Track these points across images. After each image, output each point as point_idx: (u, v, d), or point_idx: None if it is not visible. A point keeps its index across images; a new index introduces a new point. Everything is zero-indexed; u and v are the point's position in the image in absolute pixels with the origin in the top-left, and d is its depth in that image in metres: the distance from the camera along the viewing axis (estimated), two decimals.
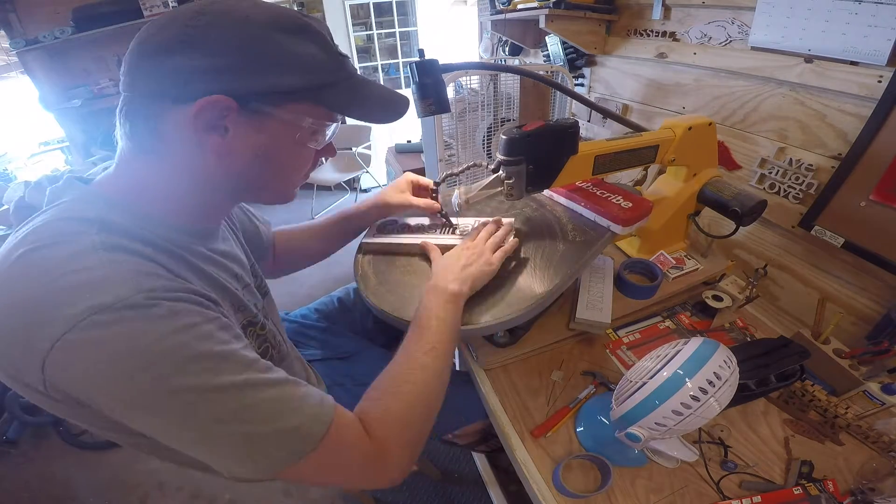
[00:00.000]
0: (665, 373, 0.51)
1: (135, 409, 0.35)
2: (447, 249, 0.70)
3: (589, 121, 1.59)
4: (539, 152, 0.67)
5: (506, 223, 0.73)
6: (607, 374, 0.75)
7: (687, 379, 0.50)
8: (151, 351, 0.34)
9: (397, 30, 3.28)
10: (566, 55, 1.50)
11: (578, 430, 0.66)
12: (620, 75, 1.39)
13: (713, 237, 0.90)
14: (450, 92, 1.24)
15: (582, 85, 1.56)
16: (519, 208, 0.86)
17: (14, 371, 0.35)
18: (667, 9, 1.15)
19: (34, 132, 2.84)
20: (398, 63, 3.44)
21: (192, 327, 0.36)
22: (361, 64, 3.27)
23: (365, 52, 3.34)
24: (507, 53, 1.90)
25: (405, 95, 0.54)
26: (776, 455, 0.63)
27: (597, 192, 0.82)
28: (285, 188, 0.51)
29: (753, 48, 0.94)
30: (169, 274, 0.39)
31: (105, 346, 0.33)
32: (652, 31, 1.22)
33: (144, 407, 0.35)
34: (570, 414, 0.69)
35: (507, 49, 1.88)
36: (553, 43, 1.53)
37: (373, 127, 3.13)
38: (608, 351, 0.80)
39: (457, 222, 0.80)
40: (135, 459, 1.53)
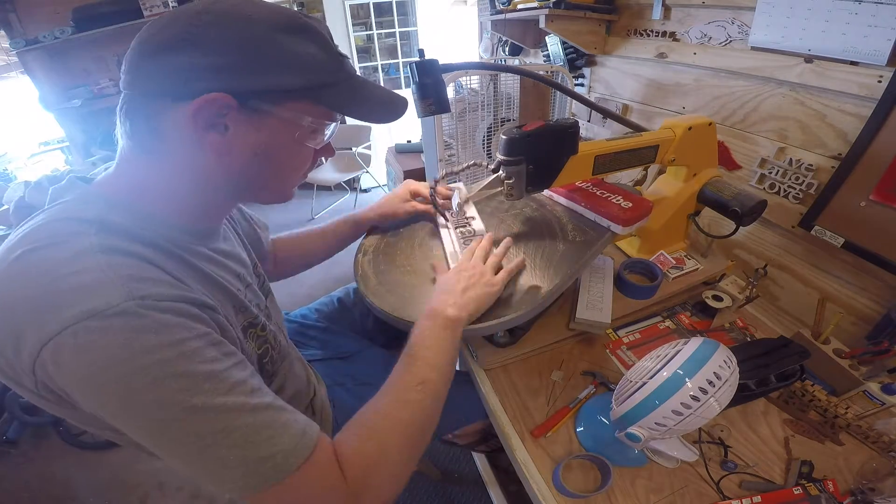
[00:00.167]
0: (665, 373, 0.51)
1: (116, 415, 0.36)
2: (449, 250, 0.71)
3: (589, 121, 1.59)
4: (539, 152, 0.67)
5: (505, 241, 0.70)
6: (607, 374, 0.75)
7: (687, 379, 0.50)
8: (134, 364, 0.34)
9: (397, 30, 3.28)
10: (566, 55, 1.50)
11: (578, 430, 0.66)
12: (620, 75, 1.39)
13: (713, 237, 0.90)
14: (450, 92, 1.24)
15: (582, 85, 1.56)
16: (519, 208, 0.86)
17: (9, 370, 0.36)
18: (667, 9, 1.15)
19: (34, 132, 2.84)
20: (398, 63, 3.44)
21: (179, 343, 0.36)
22: (361, 64, 3.27)
23: (365, 52, 3.34)
24: (507, 53, 1.90)
25: (404, 96, 0.53)
26: (776, 455, 0.63)
27: (597, 192, 0.82)
28: (284, 187, 0.51)
29: (753, 48, 0.94)
30: (167, 277, 0.39)
31: (91, 353, 0.33)
32: (652, 31, 1.22)
33: (125, 414, 0.36)
34: (570, 414, 0.69)
35: (507, 49, 1.88)
36: (553, 43, 1.53)
37: (373, 127, 3.13)
38: (608, 351, 0.80)
39: (468, 219, 0.80)
40: (135, 459, 1.53)
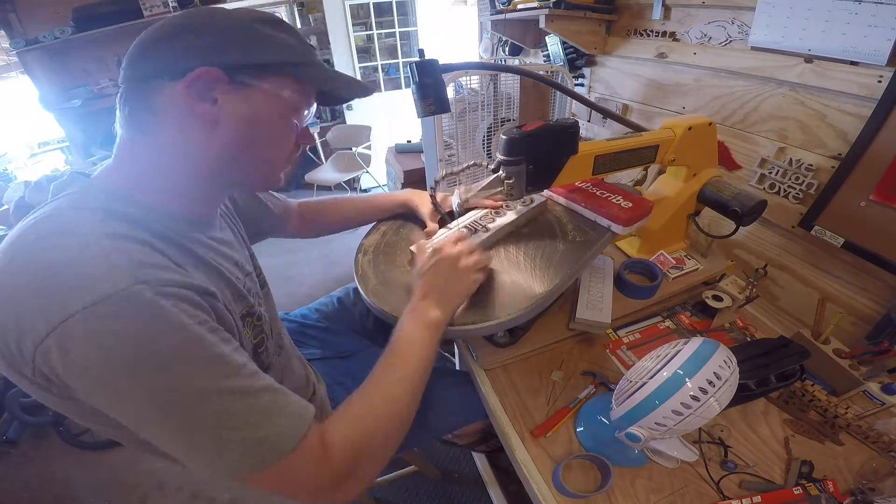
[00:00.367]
0: (665, 373, 0.51)
1: (120, 400, 0.37)
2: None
3: (589, 121, 1.59)
4: (539, 152, 0.67)
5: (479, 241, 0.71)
6: (607, 374, 0.75)
7: (687, 379, 0.50)
8: (141, 349, 0.35)
9: (397, 30, 3.28)
10: (566, 55, 1.50)
11: (578, 430, 0.66)
12: (620, 75, 1.39)
13: (713, 237, 0.90)
14: (450, 92, 1.24)
15: (582, 85, 1.56)
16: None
17: (9, 354, 0.37)
18: (667, 9, 1.15)
19: (34, 132, 2.84)
20: (398, 63, 3.44)
21: (183, 328, 0.37)
22: (361, 64, 3.27)
23: (365, 52, 3.34)
24: (507, 53, 1.90)
25: (371, 84, 0.57)
26: (776, 455, 0.63)
27: (597, 193, 0.82)
28: (271, 167, 0.53)
29: (753, 48, 0.94)
30: (170, 263, 0.41)
31: (98, 339, 0.34)
32: (652, 31, 1.22)
33: (130, 400, 0.37)
34: (570, 414, 0.69)
35: (507, 49, 1.88)
36: (553, 43, 1.53)
37: (373, 127, 3.14)
38: (608, 351, 0.80)
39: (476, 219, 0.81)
40: (135, 459, 1.53)
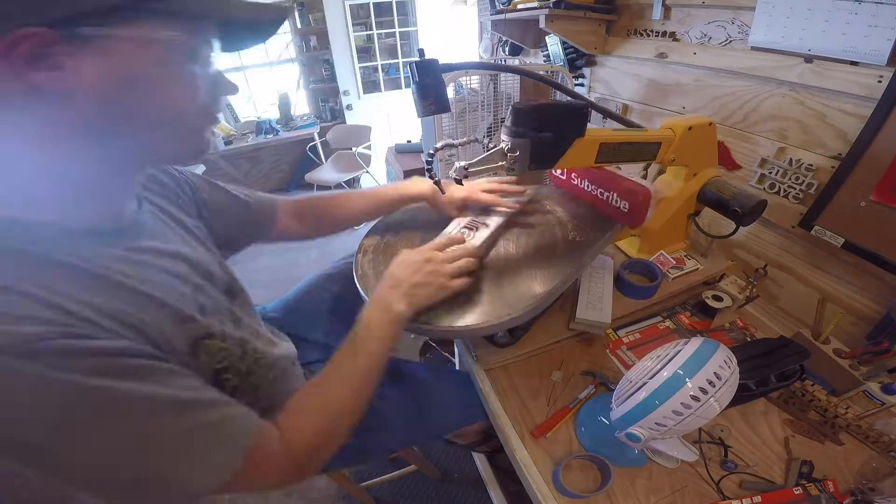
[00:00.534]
0: (665, 373, 0.51)
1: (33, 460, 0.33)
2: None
3: (589, 121, 1.59)
4: (546, 128, 0.65)
5: (472, 247, 0.71)
6: (607, 374, 0.75)
7: (687, 379, 0.50)
8: (14, 429, 0.32)
9: (397, 30, 3.28)
10: (566, 55, 1.50)
11: (578, 431, 0.66)
12: (620, 75, 1.39)
13: (713, 237, 0.90)
14: (450, 92, 1.24)
15: (582, 85, 1.56)
16: (520, 208, 0.86)
17: None
18: (667, 9, 1.15)
19: None
20: (398, 63, 3.44)
21: (65, 391, 0.32)
22: (361, 64, 3.27)
23: (365, 52, 3.34)
24: (507, 53, 1.90)
25: (276, 9, 0.43)
26: (776, 455, 0.63)
27: (597, 193, 0.82)
28: (178, 127, 0.41)
29: (753, 48, 0.94)
30: (37, 307, 0.33)
31: None
32: (652, 31, 1.22)
33: (41, 456, 0.33)
34: (570, 414, 0.69)
35: (507, 49, 1.88)
36: (553, 43, 1.53)
37: (372, 127, 3.14)
38: (608, 351, 0.80)
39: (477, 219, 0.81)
40: None
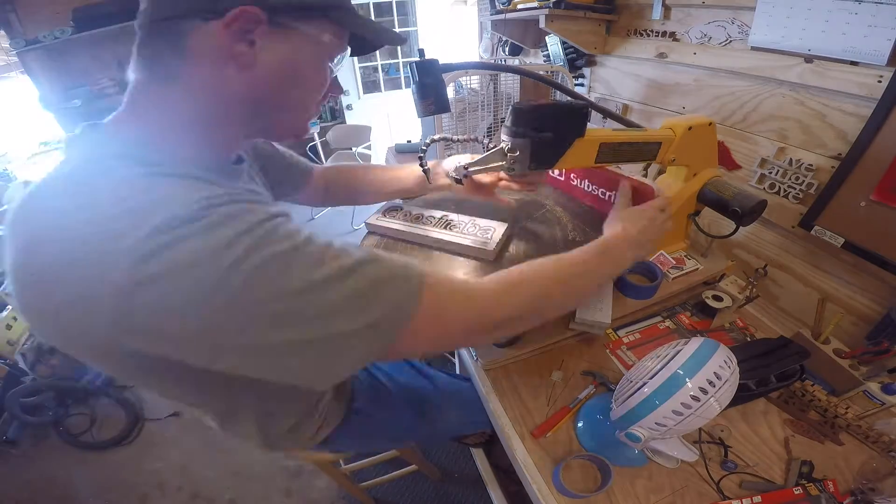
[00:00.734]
0: (665, 373, 0.51)
1: (222, 330, 0.33)
2: (449, 245, 0.72)
3: (589, 121, 1.59)
4: (547, 128, 0.65)
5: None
6: (607, 374, 0.75)
7: (687, 379, 0.50)
8: (222, 261, 0.32)
9: (397, 30, 3.28)
10: (566, 55, 1.50)
11: (578, 431, 0.66)
12: (620, 75, 1.39)
13: (713, 237, 0.90)
14: (450, 92, 1.24)
15: (582, 85, 1.56)
16: (520, 208, 0.86)
17: (76, 331, 0.34)
18: (667, 9, 1.15)
19: (34, 132, 2.84)
20: (398, 63, 3.44)
21: (251, 230, 0.34)
22: (361, 64, 3.27)
23: None
24: (507, 53, 1.90)
25: (400, 35, 0.55)
26: (776, 455, 0.63)
27: (598, 194, 0.82)
28: (302, 111, 0.50)
29: (753, 48, 0.94)
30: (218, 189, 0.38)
31: (173, 271, 0.31)
32: (652, 31, 1.22)
33: (219, 331, 0.33)
34: (571, 414, 0.69)
35: (507, 49, 1.88)
36: (553, 43, 1.53)
37: (372, 127, 3.14)
38: (608, 351, 0.80)
39: (476, 221, 0.80)
40: (135, 459, 1.54)
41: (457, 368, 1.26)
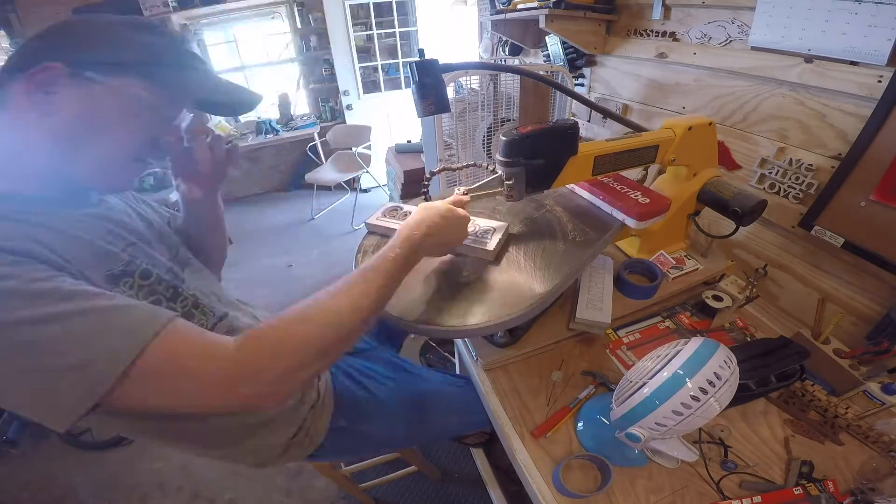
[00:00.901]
0: (665, 373, 0.51)
1: None
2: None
3: (589, 121, 1.59)
4: (538, 153, 0.67)
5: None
6: (607, 374, 0.75)
7: (687, 379, 0.50)
8: None
9: (397, 30, 3.28)
10: (566, 55, 1.50)
11: (578, 431, 0.66)
12: (620, 75, 1.39)
13: (713, 237, 0.90)
14: (450, 92, 1.24)
15: (582, 85, 1.56)
16: (519, 208, 0.86)
17: None
18: (667, 9, 1.15)
19: None
20: (398, 63, 3.44)
21: None
22: (361, 64, 3.27)
23: (365, 52, 3.33)
24: (507, 53, 1.90)
25: (251, 96, 0.58)
26: (776, 455, 0.63)
27: (616, 187, 0.82)
28: (112, 165, 0.52)
29: (753, 48, 0.94)
30: None
31: None
32: (652, 31, 1.22)
33: None
34: (571, 414, 0.69)
35: (507, 49, 1.88)
36: (553, 43, 1.53)
37: (372, 127, 3.14)
38: (608, 351, 0.80)
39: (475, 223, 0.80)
40: (135, 459, 1.53)
41: (457, 368, 1.26)
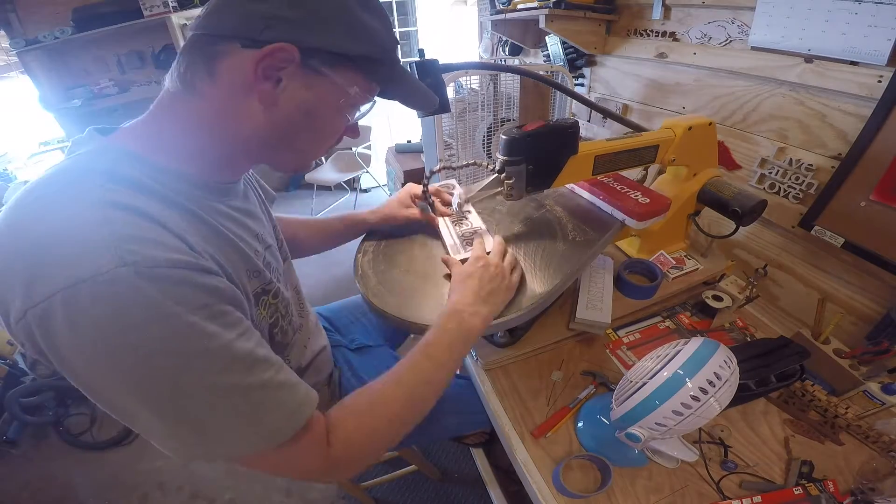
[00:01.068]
0: (665, 373, 0.51)
1: (92, 387, 0.36)
2: (450, 250, 0.71)
3: (589, 121, 1.59)
4: (539, 152, 0.67)
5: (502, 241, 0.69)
6: (607, 374, 0.75)
7: (687, 379, 0.50)
8: (122, 340, 0.33)
9: (397, 30, 3.28)
10: (566, 55, 1.50)
11: (578, 431, 0.66)
12: (620, 75, 1.39)
13: (713, 237, 0.90)
14: (450, 92, 1.24)
15: (582, 85, 1.56)
16: (519, 208, 0.86)
17: (5, 314, 0.36)
18: (667, 9, 1.15)
19: (34, 132, 2.84)
20: None
21: (169, 318, 0.34)
22: None
23: None
24: (507, 53, 1.90)
25: (436, 98, 0.57)
26: (776, 455, 0.63)
27: (616, 187, 0.82)
28: (310, 153, 0.51)
29: (753, 48, 0.94)
30: (168, 238, 0.37)
31: (74, 325, 0.32)
32: (652, 31, 1.23)
33: (102, 387, 0.36)
34: (571, 414, 0.69)
35: (507, 49, 1.88)
36: (553, 43, 1.53)
37: (372, 127, 3.14)
38: (608, 351, 0.80)
39: (469, 221, 0.80)
40: (135, 459, 1.53)
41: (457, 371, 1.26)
